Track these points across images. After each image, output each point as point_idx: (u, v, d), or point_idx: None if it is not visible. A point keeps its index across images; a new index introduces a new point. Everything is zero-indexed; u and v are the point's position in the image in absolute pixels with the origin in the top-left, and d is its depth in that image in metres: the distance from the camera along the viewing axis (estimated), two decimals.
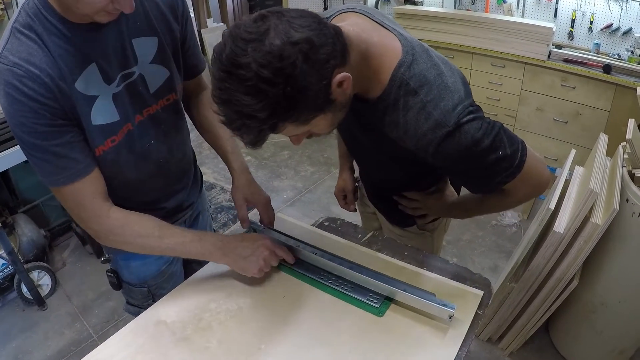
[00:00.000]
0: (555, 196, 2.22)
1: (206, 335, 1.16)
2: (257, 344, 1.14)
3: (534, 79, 3.79)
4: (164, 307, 1.26)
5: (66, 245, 3.46)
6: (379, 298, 1.27)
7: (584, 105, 3.62)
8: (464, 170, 1.19)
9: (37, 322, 2.80)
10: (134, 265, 1.50)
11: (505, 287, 2.32)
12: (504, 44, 3.75)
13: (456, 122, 1.04)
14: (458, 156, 1.08)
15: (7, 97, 1.01)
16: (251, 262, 1.26)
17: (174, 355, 1.11)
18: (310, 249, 1.38)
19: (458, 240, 3.47)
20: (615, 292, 2.13)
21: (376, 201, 1.77)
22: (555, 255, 2.08)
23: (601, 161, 2.23)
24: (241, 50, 0.88)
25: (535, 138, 3.99)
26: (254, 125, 0.93)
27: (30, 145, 1.07)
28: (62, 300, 2.97)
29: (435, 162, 1.14)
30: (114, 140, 1.20)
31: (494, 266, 3.20)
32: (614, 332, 2.23)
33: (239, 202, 1.45)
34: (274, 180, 4.42)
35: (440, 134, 1.05)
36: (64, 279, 3.14)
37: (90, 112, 1.12)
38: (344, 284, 1.32)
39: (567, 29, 3.98)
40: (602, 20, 3.80)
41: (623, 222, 1.97)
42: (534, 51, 3.65)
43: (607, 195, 2.04)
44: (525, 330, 2.36)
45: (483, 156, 1.09)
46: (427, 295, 1.21)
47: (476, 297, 1.30)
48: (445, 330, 1.18)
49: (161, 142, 1.34)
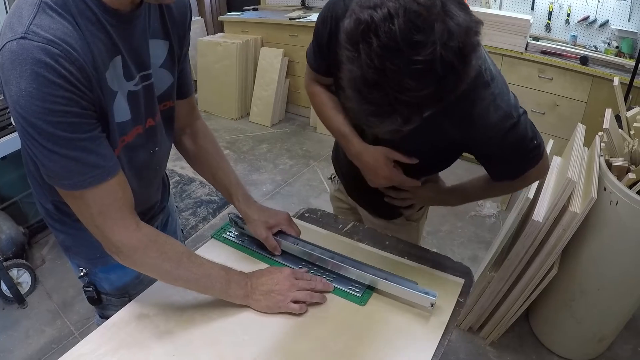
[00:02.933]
0: (534, 186, 2.24)
1: (189, 327, 1.14)
2: (241, 335, 1.13)
3: (512, 70, 3.79)
4: (146, 300, 1.22)
5: (45, 242, 3.38)
6: (360, 287, 1.26)
7: (561, 96, 3.65)
8: (508, 158, 1.21)
9: (18, 320, 2.74)
10: (114, 277, 1.36)
11: (485, 276, 2.31)
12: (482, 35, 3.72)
13: (518, 114, 1.12)
14: (516, 145, 1.16)
15: (36, 78, 0.83)
16: (275, 300, 1.17)
17: (158, 348, 1.08)
18: (292, 239, 1.37)
19: (437, 231, 3.46)
20: (593, 280, 2.13)
21: (358, 195, 1.72)
22: (534, 244, 2.07)
23: (579, 151, 2.23)
24: (421, 27, 0.78)
25: None
26: (404, 112, 0.85)
27: (53, 138, 0.88)
28: (42, 297, 2.90)
29: (489, 151, 1.20)
30: (123, 141, 1.08)
31: (474, 256, 3.19)
32: (593, 320, 2.23)
33: (262, 234, 1.34)
34: (253, 173, 4.38)
35: (508, 125, 1.11)
36: (43, 276, 3.07)
37: (112, 108, 1.00)
38: (326, 274, 1.30)
39: (545, 21, 3.99)
40: (579, 12, 3.83)
41: (601, 211, 1.97)
42: (512, 43, 3.66)
43: (585, 185, 2.04)
44: (505, 319, 2.35)
45: (527, 145, 1.17)
46: (409, 284, 1.20)
47: (457, 285, 1.30)
48: (427, 318, 1.18)
49: (161, 148, 1.25)
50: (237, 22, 5.49)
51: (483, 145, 1.18)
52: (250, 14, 5.55)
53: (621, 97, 2.16)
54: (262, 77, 5.30)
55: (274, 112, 5.34)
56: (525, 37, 3.62)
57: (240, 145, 4.93)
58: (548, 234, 2.04)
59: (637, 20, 3.62)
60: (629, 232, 1.92)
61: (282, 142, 4.98)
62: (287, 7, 5.73)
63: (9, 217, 2.99)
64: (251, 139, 5.06)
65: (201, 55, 5.47)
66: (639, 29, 3.58)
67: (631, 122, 2.11)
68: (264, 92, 5.30)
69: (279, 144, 4.92)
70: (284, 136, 5.15)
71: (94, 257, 1.28)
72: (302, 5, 5.61)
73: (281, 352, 1.09)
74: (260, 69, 5.31)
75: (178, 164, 4.52)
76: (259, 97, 5.36)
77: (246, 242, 1.45)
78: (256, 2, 6.10)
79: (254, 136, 5.10)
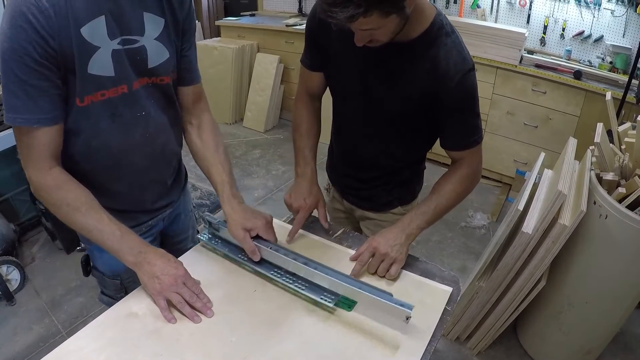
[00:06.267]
0: (524, 198, 2.23)
1: (177, 327, 1.14)
2: (230, 336, 1.12)
3: (506, 83, 3.80)
4: (135, 299, 1.22)
5: (36, 240, 3.38)
6: (333, 297, 1.20)
7: (554, 110, 3.66)
8: (463, 113, 1.37)
9: (6, 318, 2.71)
10: (107, 257, 1.39)
11: (474, 286, 2.29)
12: (476, 48, 3.74)
13: (472, 65, 1.32)
14: (467, 93, 1.33)
15: (11, 21, 1.02)
16: (154, 284, 1.19)
17: (145, 347, 1.08)
18: (265, 243, 1.33)
19: (427, 240, 3.45)
20: (581, 293, 2.12)
21: (353, 194, 1.75)
22: (523, 256, 2.06)
23: (570, 164, 2.22)
24: None
25: (505, 142, 4.01)
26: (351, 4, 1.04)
27: (10, 73, 1.06)
28: (31, 295, 2.88)
29: (450, 97, 1.32)
30: (103, 94, 1.18)
31: (463, 267, 3.18)
32: (581, 333, 2.22)
33: (239, 235, 1.33)
34: (245, 178, 4.36)
35: (466, 68, 1.30)
36: (33, 274, 3.06)
37: (88, 61, 1.12)
38: (298, 281, 1.26)
39: (540, 35, 4.00)
40: (574, 27, 3.85)
41: (590, 224, 1.96)
42: (506, 56, 3.67)
43: (575, 198, 2.03)
44: (493, 330, 2.33)
45: (475, 104, 1.37)
46: (384, 295, 1.16)
47: (445, 294, 1.29)
48: (414, 326, 1.16)
49: (151, 117, 1.31)
50: (234, 27, 5.48)
51: (446, 90, 1.31)
52: (247, 19, 5.54)
53: (613, 111, 2.17)
54: (257, 83, 5.28)
55: (268, 118, 5.32)
56: (520, 50, 3.63)
57: (233, 150, 4.90)
58: (537, 246, 2.03)
59: (631, 36, 3.64)
60: (617, 246, 1.91)
61: (275, 147, 4.95)
62: (284, 13, 5.73)
63: (0, 214, 2.98)
64: (244, 144, 5.04)
65: None
66: (633, 45, 3.60)
67: (622, 136, 2.11)
68: (258, 97, 5.28)
69: (272, 150, 4.90)
70: (277, 142, 5.13)
71: None
72: (299, 12, 5.61)
73: (270, 354, 1.08)
74: (256, 75, 5.29)
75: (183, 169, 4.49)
76: (253, 103, 5.34)
77: (219, 244, 1.42)
78: (253, 8, 6.09)
79: (247, 141, 5.08)
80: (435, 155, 4.41)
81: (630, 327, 2.67)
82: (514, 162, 4.02)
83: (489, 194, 4.12)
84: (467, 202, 3.94)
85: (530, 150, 3.88)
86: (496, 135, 4.05)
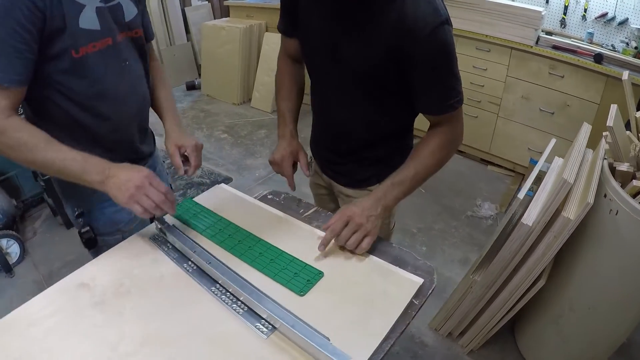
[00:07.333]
0: (527, 186, 2.03)
1: (122, 300, 1.13)
2: (170, 314, 1.09)
3: (521, 65, 3.55)
4: (90, 269, 1.23)
5: (38, 216, 3.46)
6: (268, 331, 1.04)
7: (572, 95, 3.39)
8: (436, 72, 1.26)
9: (4, 288, 2.79)
10: (108, 212, 1.54)
11: (468, 280, 2.10)
12: (490, 26, 3.51)
13: (446, 18, 1.20)
14: (440, 49, 1.21)
15: None
16: (122, 193, 1.22)
17: (89, 317, 1.08)
18: (206, 257, 1.22)
19: (430, 229, 3.26)
20: (585, 298, 1.90)
21: (331, 167, 1.70)
22: (522, 250, 1.85)
23: (580, 151, 2.00)
24: None
25: (519, 128, 3.77)
26: None
27: None
28: (30, 268, 2.96)
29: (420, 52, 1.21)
30: (94, 46, 1.31)
31: (465, 259, 2.98)
32: (581, 340, 2.00)
33: (171, 149, 1.47)
34: (247, 158, 4.26)
35: (437, 20, 1.18)
36: (33, 248, 3.14)
37: (78, 16, 1.25)
38: (237, 302, 1.12)
39: (560, 16, 3.72)
40: (597, 8, 3.55)
41: (599, 220, 1.74)
42: (522, 35, 3.42)
43: (584, 189, 1.81)
44: (486, 329, 2.14)
45: (451, 62, 1.25)
46: (319, 340, 0.97)
47: (413, 285, 1.17)
48: (372, 318, 1.07)
49: (132, 68, 1.47)
50: (243, 7, 5.37)
51: (414, 45, 1.20)
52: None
53: (631, 94, 1.90)
54: (266, 63, 5.14)
55: None
56: (536, 30, 3.37)
57: (238, 129, 4.80)
58: (538, 240, 1.83)
59: None
60: (628, 246, 1.68)
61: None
62: None
63: (2, 190, 3.13)
64: (250, 124, 4.92)
65: (205, 39, 5.34)
66: None
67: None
68: (266, 77, 5.12)
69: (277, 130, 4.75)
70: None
71: (89, 194, 1.41)
72: None
73: (206, 334, 1.04)
74: (264, 55, 5.16)
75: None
76: (261, 83, 5.20)
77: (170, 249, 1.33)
78: None
79: (253, 121, 4.96)
80: None
81: (638, 337, 2.42)
82: (528, 150, 3.78)
83: (499, 183, 3.88)
84: (476, 190, 3.74)
85: (546, 138, 3.57)
86: (509, 121, 3.80)
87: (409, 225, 3.29)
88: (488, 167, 4.10)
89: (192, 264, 1.24)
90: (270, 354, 0.99)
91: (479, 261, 2.12)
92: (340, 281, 1.18)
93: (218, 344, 1.02)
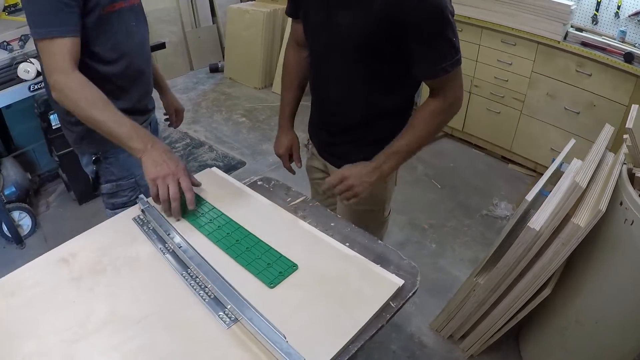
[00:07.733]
0: (537, 187, 1.93)
1: (97, 278, 1.13)
2: (140, 294, 1.09)
3: (547, 61, 3.39)
4: (73, 245, 1.24)
5: (52, 191, 3.51)
6: (230, 321, 1.01)
7: (599, 95, 3.22)
8: (429, 37, 1.28)
9: (14, 260, 2.83)
10: (122, 157, 1.71)
11: (471, 282, 2.02)
12: (516, 19, 3.35)
13: None
14: (430, 13, 1.23)
15: None
16: (154, 168, 1.29)
17: (64, 291, 1.10)
18: (178, 241, 1.19)
19: (442, 226, 3.16)
20: (593, 310, 1.79)
21: (327, 150, 1.73)
22: (528, 256, 1.76)
23: (598, 153, 1.88)
24: None
25: (542, 127, 3.61)
26: None
27: None
28: (40, 241, 3.02)
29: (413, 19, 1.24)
30: (114, 7, 1.50)
31: (475, 258, 2.87)
32: (587, 356, 1.89)
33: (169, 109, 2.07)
34: (263, 143, 4.21)
35: None
36: (45, 221, 3.20)
37: None
38: (205, 289, 1.09)
39: (592, 12, 3.53)
40: (632, 5, 3.32)
41: (612, 229, 1.64)
42: (549, 30, 3.25)
43: (599, 195, 1.69)
44: (487, 335, 2.06)
45: (446, 27, 1.26)
46: (275, 337, 0.92)
47: (392, 286, 1.11)
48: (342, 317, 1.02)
49: (140, 30, 1.66)
50: None
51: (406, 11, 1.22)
52: None
53: None
54: None
55: None
56: (564, 25, 3.19)
57: (257, 114, 4.75)
58: (545, 247, 1.73)
59: None
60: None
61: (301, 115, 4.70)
62: None
63: (17, 164, 3.22)
64: (269, 109, 4.86)
65: (230, 22, 5.29)
66: None
67: None
68: None
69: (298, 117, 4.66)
70: (303, 109, 4.83)
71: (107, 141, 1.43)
72: None
73: (170, 318, 1.03)
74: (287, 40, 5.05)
75: (192, 127, 4.46)
76: None
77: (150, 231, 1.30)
78: None
79: (272, 106, 4.89)
80: (468, 135, 4.11)
81: None
82: (551, 150, 3.62)
83: (519, 182, 3.73)
84: (494, 188, 3.61)
85: (569, 139, 3.46)
86: (533, 119, 3.65)
87: (420, 220, 3.20)
88: (509, 165, 3.95)
89: (168, 246, 1.21)
90: (229, 345, 0.97)
91: (483, 264, 2.02)
92: (314, 276, 1.13)
93: (179, 329, 1.00)
